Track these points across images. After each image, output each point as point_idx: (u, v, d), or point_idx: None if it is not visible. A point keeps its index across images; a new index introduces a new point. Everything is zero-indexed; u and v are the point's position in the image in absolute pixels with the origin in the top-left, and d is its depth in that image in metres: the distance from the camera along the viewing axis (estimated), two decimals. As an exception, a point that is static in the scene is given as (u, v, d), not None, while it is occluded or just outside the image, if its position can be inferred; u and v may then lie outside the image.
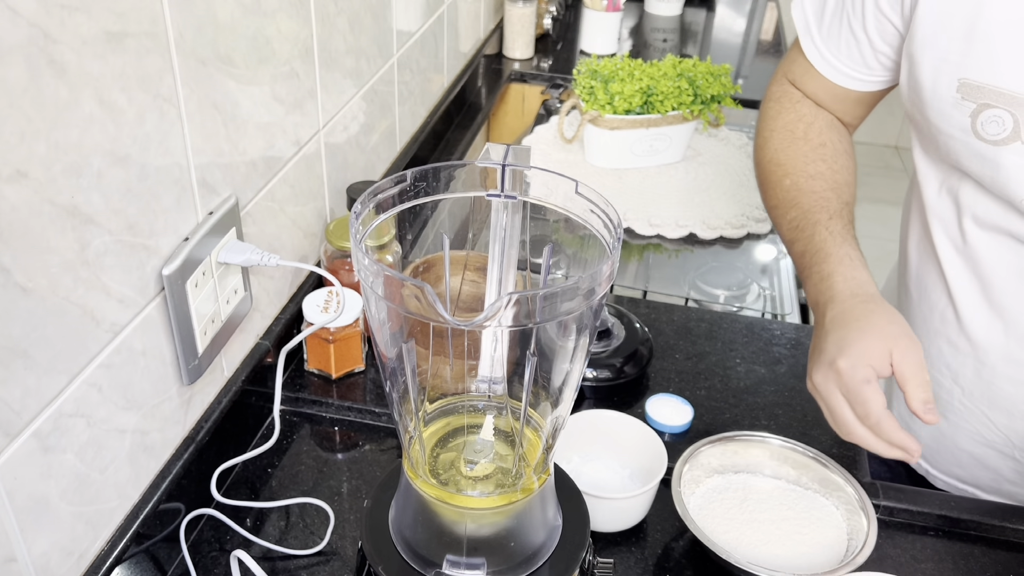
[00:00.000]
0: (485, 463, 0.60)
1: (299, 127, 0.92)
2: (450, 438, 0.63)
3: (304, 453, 0.88)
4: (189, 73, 0.69)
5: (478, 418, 0.63)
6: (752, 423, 0.92)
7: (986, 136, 0.71)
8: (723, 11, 2.28)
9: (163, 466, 0.75)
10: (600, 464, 0.84)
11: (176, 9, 0.66)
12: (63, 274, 0.58)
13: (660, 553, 0.79)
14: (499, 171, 0.57)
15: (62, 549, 0.63)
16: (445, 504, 0.58)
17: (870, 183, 3.63)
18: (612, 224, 0.54)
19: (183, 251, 0.70)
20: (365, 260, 0.50)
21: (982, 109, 0.70)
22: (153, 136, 0.66)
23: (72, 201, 0.58)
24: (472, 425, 0.63)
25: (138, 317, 0.67)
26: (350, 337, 0.92)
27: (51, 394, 0.59)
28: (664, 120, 1.42)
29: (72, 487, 0.63)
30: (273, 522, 0.80)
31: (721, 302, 1.20)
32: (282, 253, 0.92)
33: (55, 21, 0.54)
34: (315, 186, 0.99)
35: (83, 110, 0.57)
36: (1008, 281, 0.79)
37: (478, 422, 0.63)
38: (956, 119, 0.73)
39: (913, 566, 0.80)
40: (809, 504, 0.80)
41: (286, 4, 0.85)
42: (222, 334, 0.79)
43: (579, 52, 1.97)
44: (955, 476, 0.94)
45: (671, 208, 1.37)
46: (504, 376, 0.62)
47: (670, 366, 1.00)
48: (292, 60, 0.88)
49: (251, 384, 0.86)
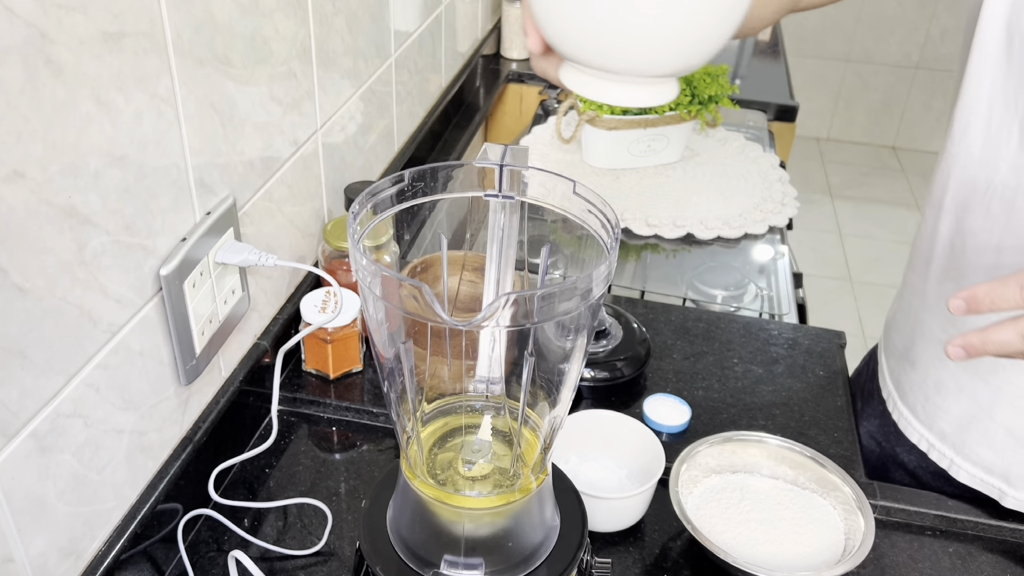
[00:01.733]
0: (483, 463, 0.60)
1: (297, 127, 0.92)
2: (448, 438, 0.63)
3: (302, 453, 0.88)
4: (187, 73, 0.69)
5: (476, 418, 0.63)
6: (750, 423, 0.93)
7: None
8: (721, 11, 2.28)
9: (161, 466, 0.75)
10: (598, 464, 0.84)
11: (174, 9, 0.66)
12: (60, 274, 0.58)
13: (658, 553, 0.79)
14: (497, 171, 0.57)
15: (60, 550, 0.63)
16: (443, 504, 0.58)
17: (869, 183, 3.64)
18: (610, 224, 0.54)
19: (181, 251, 0.70)
20: (363, 260, 0.50)
21: None
22: (150, 136, 0.66)
23: (69, 201, 0.58)
24: (470, 425, 0.63)
25: (135, 317, 0.67)
26: (348, 337, 0.92)
27: (48, 394, 0.59)
28: (662, 120, 1.42)
29: (69, 487, 0.63)
30: (271, 522, 0.80)
31: (719, 302, 1.20)
32: (280, 253, 0.92)
33: (52, 21, 0.53)
34: (313, 186, 0.99)
35: (80, 110, 0.57)
36: None
37: (476, 422, 0.63)
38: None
39: (910, 566, 0.80)
40: (806, 504, 0.80)
41: (284, 4, 0.85)
42: (220, 334, 0.79)
43: (577, 52, 1.96)
44: (983, 465, 0.87)
45: (669, 208, 1.37)
46: (502, 376, 0.62)
47: (668, 366, 1.00)
48: (290, 60, 0.88)
49: (249, 384, 0.86)
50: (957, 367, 0.85)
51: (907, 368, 0.93)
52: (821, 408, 0.96)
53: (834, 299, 2.82)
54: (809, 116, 3.86)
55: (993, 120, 0.76)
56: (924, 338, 0.89)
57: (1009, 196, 0.77)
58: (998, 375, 0.83)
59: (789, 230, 1.38)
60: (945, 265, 0.84)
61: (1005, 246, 0.78)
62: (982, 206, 0.79)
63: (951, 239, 0.83)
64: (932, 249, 0.86)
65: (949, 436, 0.88)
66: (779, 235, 1.34)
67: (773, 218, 1.36)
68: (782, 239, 1.34)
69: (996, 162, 0.77)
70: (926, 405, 0.90)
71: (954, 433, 0.88)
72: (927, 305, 0.88)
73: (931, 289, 0.87)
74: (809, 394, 0.97)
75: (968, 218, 0.81)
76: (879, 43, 3.71)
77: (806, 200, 1.67)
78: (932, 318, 0.88)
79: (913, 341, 0.91)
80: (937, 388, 0.88)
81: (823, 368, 1.01)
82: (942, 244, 0.84)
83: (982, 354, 0.62)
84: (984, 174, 0.78)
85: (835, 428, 0.93)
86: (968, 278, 0.81)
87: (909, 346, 0.92)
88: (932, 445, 0.90)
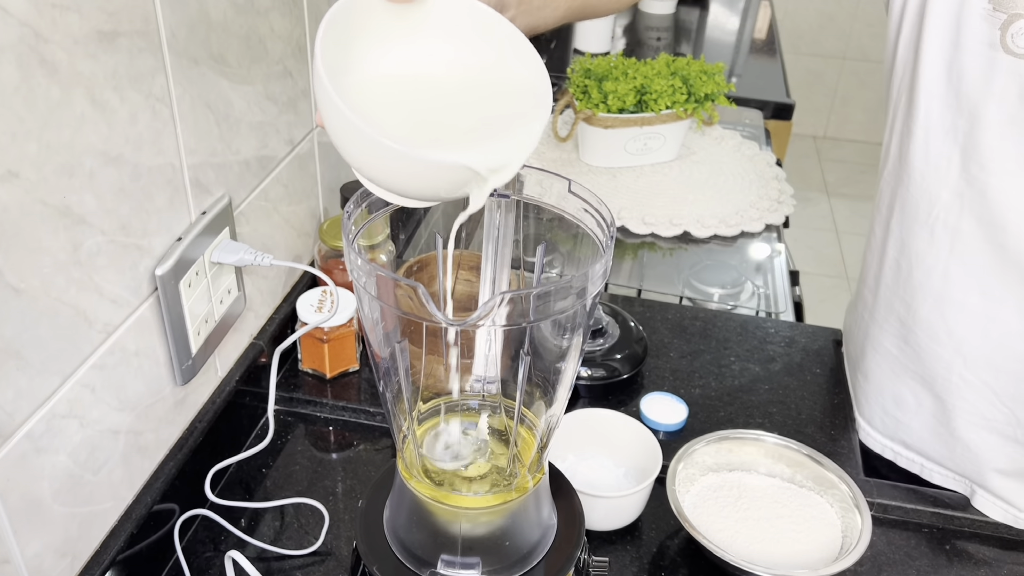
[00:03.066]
0: (480, 462, 0.60)
1: (292, 126, 0.92)
2: (444, 437, 0.63)
3: (298, 453, 0.88)
4: (182, 72, 0.69)
5: (472, 417, 0.63)
6: (747, 421, 0.93)
7: (1016, 49, 0.68)
8: (716, 9, 2.28)
9: (157, 467, 0.74)
10: (595, 463, 0.84)
11: (168, 8, 0.66)
12: (55, 274, 0.58)
13: (655, 551, 0.79)
14: (492, 170, 0.57)
15: (55, 551, 0.63)
16: (439, 504, 0.58)
17: (865, 181, 3.64)
18: (605, 223, 0.54)
19: (176, 251, 0.70)
20: (358, 260, 0.50)
21: (1012, 20, 0.69)
22: (146, 136, 0.65)
23: (64, 201, 0.58)
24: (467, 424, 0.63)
25: (131, 317, 0.67)
26: (344, 337, 0.92)
27: (44, 395, 0.59)
28: (658, 119, 1.42)
29: (65, 488, 0.63)
30: (268, 522, 0.80)
31: (715, 300, 1.20)
32: (276, 253, 0.92)
33: (46, 20, 0.53)
34: (309, 185, 0.98)
35: (75, 110, 0.57)
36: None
37: (472, 421, 0.63)
38: (984, 33, 0.70)
39: (907, 563, 0.80)
40: (804, 502, 0.80)
41: (279, 3, 0.84)
42: (216, 334, 0.79)
43: (573, 51, 1.96)
44: (952, 467, 0.89)
45: (665, 206, 1.37)
46: (498, 375, 0.62)
47: (664, 364, 1.00)
48: (285, 59, 0.87)
49: (245, 384, 0.86)
50: (913, 381, 0.85)
51: (860, 379, 0.93)
52: (818, 406, 0.96)
53: (831, 297, 2.82)
54: (806, 114, 3.86)
55: (931, 147, 0.77)
56: (876, 352, 0.89)
57: (952, 222, 0.77)
58: (952, 393, 0.83)
59: (786, 228, 1.38)
60: (892, 284, 0.85)
61: (952, 275, 0.79)
62: (925, 230, 0.79)
63: (897, 259, 0.83)
64: (881, 267, 0.86)
65: (914, 445, 0.89)
66: (776, 233, 1.34)
67: (769, 216, 1.36)
68: (779, 237, 1.34)
69: (938, 189, 0.77)
70: (884, 418, 0.90)
71: (918, 443, 0.89)
72: (876, 320, 0.88)
73: (880, 305, 0.87)
74: (806, 392, 0.97)
75: (913, 241, 0.81)
76: (875, 41, 3.71)
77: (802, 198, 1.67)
78: (882, 333, 0.88)
79: (864, 352, 0.91)
80: (896, 402, 0.88)
81: (820, 366, 1.01)
82: (889, 264, 0.85)
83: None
84: (926, 199, 0.79)
85: (832, 426, 0.93)
86: (917, 300, 0.82)
87: (860, 357, 0.92)
88: (898, 453, 0.91)
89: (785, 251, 1.31)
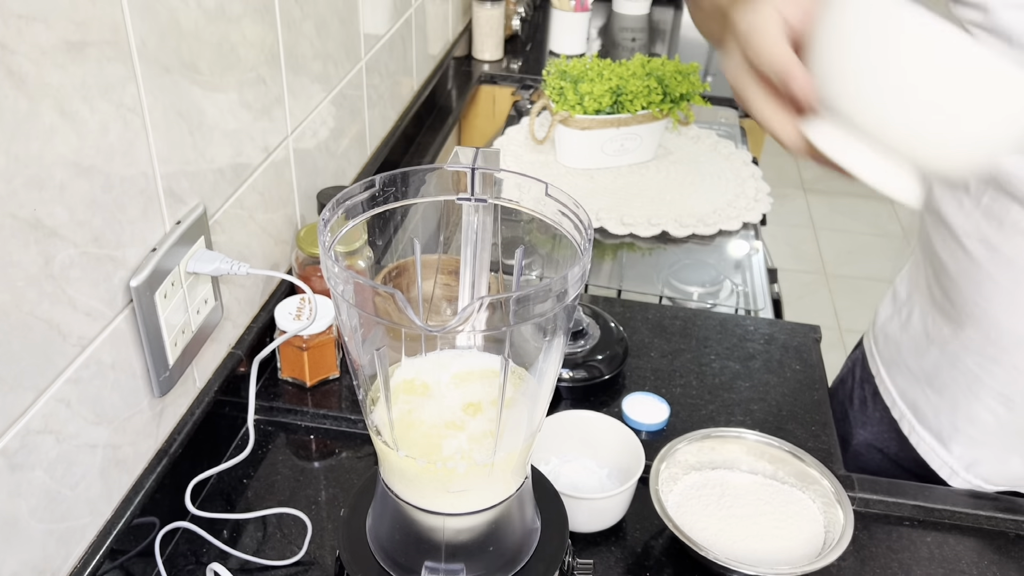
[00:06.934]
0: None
1: (267, 133, 0.91)
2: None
3: (280, 462, 0.87)
4: (153, 81, 0.68)
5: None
6: (728, 419, 0.93)
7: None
8: (690, 9, 2.29)
9: (136, 480, 0.74)
10: (578, 465, 0.84)
11: (138, 17, 0.65)
12: (27, 288, 0.57)
13: (640, 552, 0.79)
14: (468, 175, 0.57)
15: (33, 568, 0.62)
16: (422, 511, 0.57)
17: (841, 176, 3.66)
18: (583, 225, 0.54)
19: (151, 262, 0.69)
20: (335, 268, 0.50)
21: None
22: (117, 146, 0.65)
23: (35, 214, 0.57)
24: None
25: (106, 330, 0.66)
26: (324, 344, 0.91)
27: (18, 411, 0.58)
28: (634, 119, 1.42)
29: (42, 505, 0.62)
30: (250, 533, 0.79)
31: (695, 299, 1.21)
32: (253, 261, 0.91)
33: (12, 31, 0.53)
34: (285, 193, 0.98)
35: (44, 121, 0.56)
36: None
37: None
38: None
39: (889, 556, 0.80)
40: (786, 498, 0.80)
41: (251, 10, 0.84)
42: (193, 345, 0.78)
43: (548, 53, 1.97)
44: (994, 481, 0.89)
45: (643, 207, 1.38)
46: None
47: (645, 364, 1.00)
48: (258, 66, 0.87)
49: (224, 394, 0.85)
50: (995, 403, 0.82)
51: (927, 391, 0.89)
52: (799, 402, 0.96)
53: (809, 293, 2.85)
54: (780, 112, 3.88)
55: None
56: (953, 368, 0.85)
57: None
58: (1002, 435, 0.81)
59: (763, 226, 1.39)
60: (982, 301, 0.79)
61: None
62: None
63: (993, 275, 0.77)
64: (948, 290, 0.81)
65: (977, 466, 0.86)
66: (753, 231, 1.35)
67: (747, 214, 1.37)
68: (756, 235, 1.35)
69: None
70: (955, 435, 0.87)
71: (987, 463, 0.86)
72: (957, 336, 0.83)
73: (966, 320, 0.82)
74: (786, 388, 0.98)
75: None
76: (847, 38, 3.74)
77: (779, 195, 1.68)
78: (962, 350, 0.83)
79: (939, 368, 0.87)
80: (971, 421, 0.85)
81: (799, 362, 1.02)
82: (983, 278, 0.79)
83: None
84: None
85: (812, 422, 0.94)
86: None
87: (933, 372, 0.88)
88: (955, 472, 0.88)
89: (763, 249, 1.32)
